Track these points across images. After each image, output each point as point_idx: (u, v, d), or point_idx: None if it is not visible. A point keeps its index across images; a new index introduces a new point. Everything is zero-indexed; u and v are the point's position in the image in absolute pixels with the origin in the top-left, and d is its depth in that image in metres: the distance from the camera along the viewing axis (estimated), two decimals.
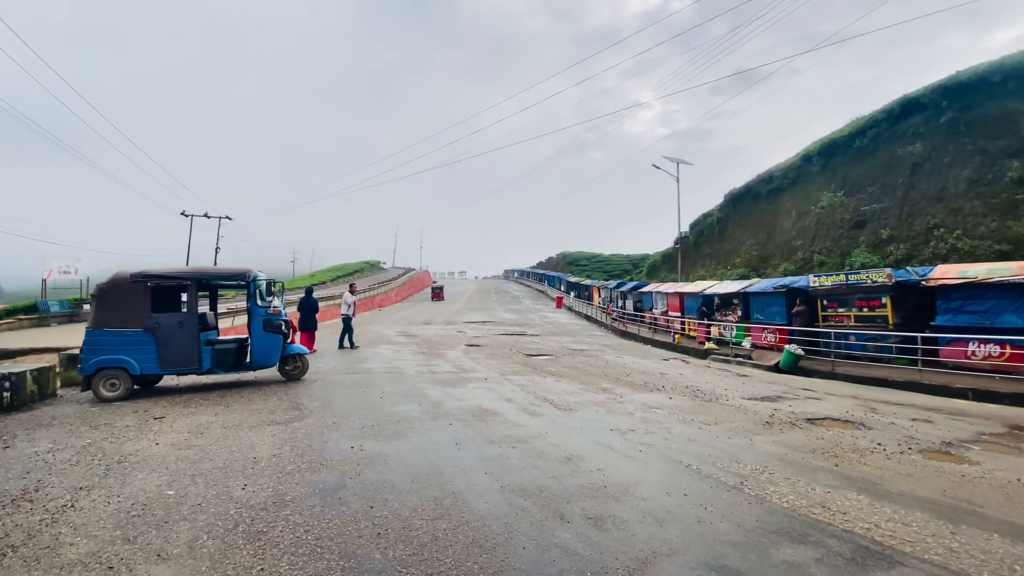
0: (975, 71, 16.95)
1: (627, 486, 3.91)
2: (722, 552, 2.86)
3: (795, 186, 24.30)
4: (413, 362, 11.31)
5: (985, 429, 6.10)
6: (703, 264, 30.91)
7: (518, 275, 78.35)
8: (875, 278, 11.70)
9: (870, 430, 5.97)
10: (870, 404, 7.65)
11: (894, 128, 19.26)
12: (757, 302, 15.61)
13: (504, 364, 11.41)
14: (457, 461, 4.44)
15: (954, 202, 15.90)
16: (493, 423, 5.89)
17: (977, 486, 4.03)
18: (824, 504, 3.60)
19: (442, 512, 3.34)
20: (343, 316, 13.89)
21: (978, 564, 2.74)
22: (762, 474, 4.27)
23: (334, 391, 7.74)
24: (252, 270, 8.35)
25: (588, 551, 2.84)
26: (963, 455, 4.97)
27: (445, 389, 8.07)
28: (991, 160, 15.31)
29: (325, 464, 4.31)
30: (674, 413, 6.74)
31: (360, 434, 5.28)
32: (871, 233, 18.45)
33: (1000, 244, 13.89)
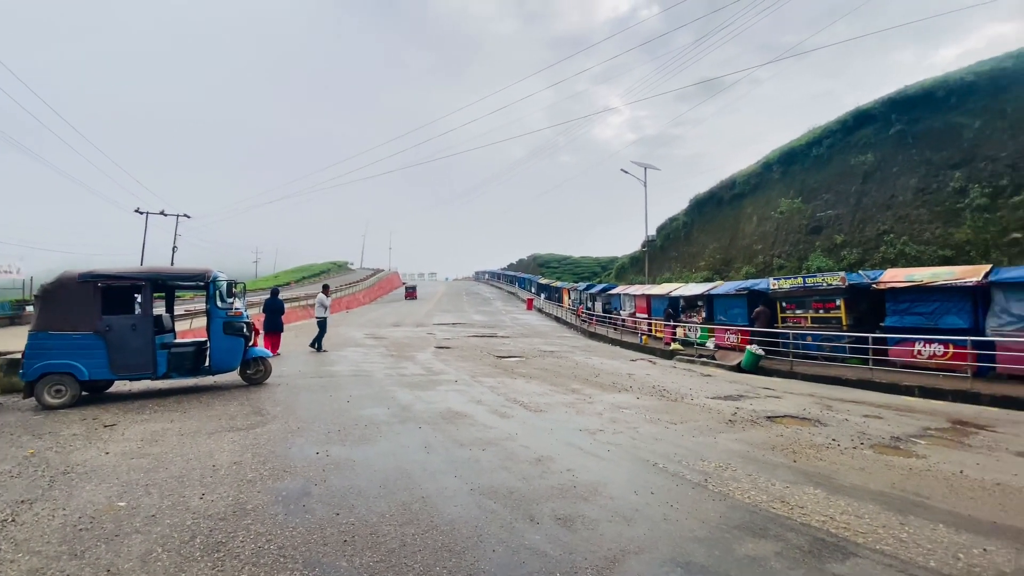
0: (921, 86, 17.96)
1: (596, 486, 3.95)
2: (688, 548, 2.92)
3: (756, 192, 25.17)
4: (381, 365, 11.13)
5: (930, 424, 6.46)
6: (669, 267, 31.64)
7: (489, 277, 78.30)
8: (830, 281, 12.23)
9: (826, 427, 6.23)
10: (826, 402, 7.99)
11: (848, 138, 20.19)
12: (720, 304, 16.08)
13: (474, 366, 11.37)
14: (426, 465, 4.39)
15: (902, 209, 16.80)
16: (463, 426, 5.86)
17: (923, 479, 4.27)
18: (783, 499, 3.73)
19: (411, 517, 3.29)
20: (318, 318, 13.52)
21: (925, 553, 2.89)
22: (725, 471, 4.40)
23: (298, 395, 7.54)
24: (212, 270, 8.05)
25: (558, 552, 2.85)
26: (911, 449, 5.25)
27: (414, 392, 7.98)
28: (935, 170, 16.25)
29: (289, 471, 4.18)
30: (641, 413, 6.86)
31: (326, 439, 5.15)
32: (826, 238, 19.29)
33: (943, 250, 14.76)
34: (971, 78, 16.15)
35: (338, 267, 65.42)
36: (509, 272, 70.06)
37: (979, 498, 3.80)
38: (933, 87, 17.34)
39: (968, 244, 14.24)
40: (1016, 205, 13.58)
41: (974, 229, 14.29)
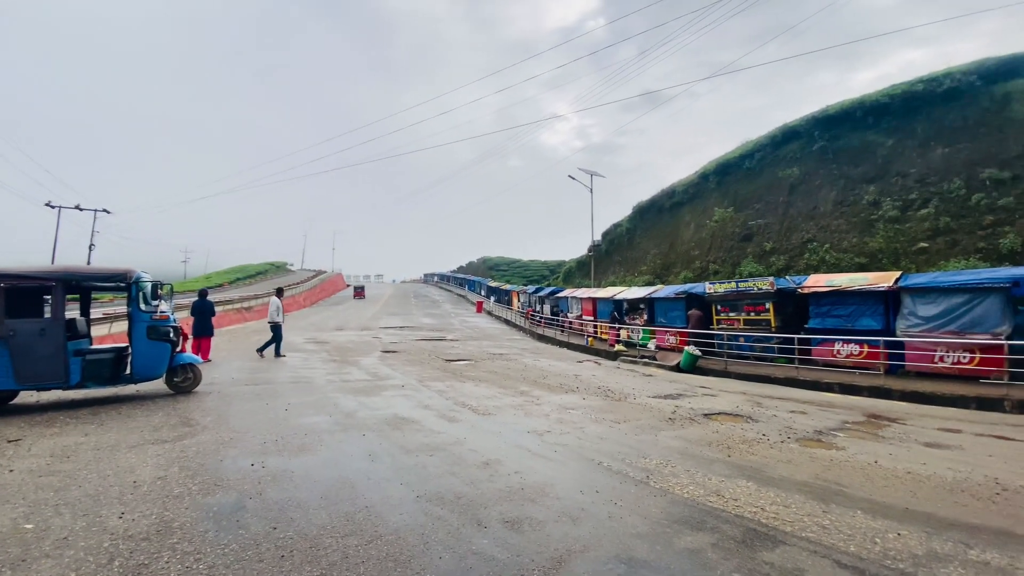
0: (841, 106, 19.57)
1: (543, 487, 3.99)
2: (631, 545, 3.01)
3: (694, 201, 26.45)
4: (323, 370, 10.72)
5: (849, 418, 7.02)
6: (614, 271, 32.61)
7: (438, 279, 77.44)
8: (760, 286, 13.04)
9: (757, 423, 6.62)
10: (757, 399, 8.49)
11: (776, 153, 21.66)
12: (661, 307, 16.74)
13: (422, 370, 11.19)
14: (371, 473, 4.26)
15: (823, 220, 18.20)
16: (410, 431, 5.74)
17: (843, 469, 4.62)
18: (719, 492, 3.93)
19: (354, 528, 3.19)
20: (271, 323, 12.74)
21: (846, 539, 3.13)
22: (666, 467, 4.57)
23: (231, 404, 7.11)
24: (134, 270, 7.45)
25: (505, 555, 2.85)
26: (831, 442, 5.67)
27: (358, 398, 7.74)
28: (853, 184, 17.74)
29: (220, 484, 3.93)
30: (587, 413, 7.01)
31: (262, 450, 4.89)
32: (757, 245, 20.56)
33: (859, 257, 16.12)
34: (885, 100, 17.79)
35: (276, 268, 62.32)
36: (459, 275, 69.65)
37: (892, 486, 4.16)
38: (852, 107, 18.95)
39: (881, 252, 15.63)
40: (923, 217, 15.06)
41: (886, 239, 15.71)
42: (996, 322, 8.99)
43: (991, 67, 15.44)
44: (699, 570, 2.71)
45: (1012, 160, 13.78)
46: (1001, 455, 5.11)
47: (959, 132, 15.38)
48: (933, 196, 15.10)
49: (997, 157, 14.12)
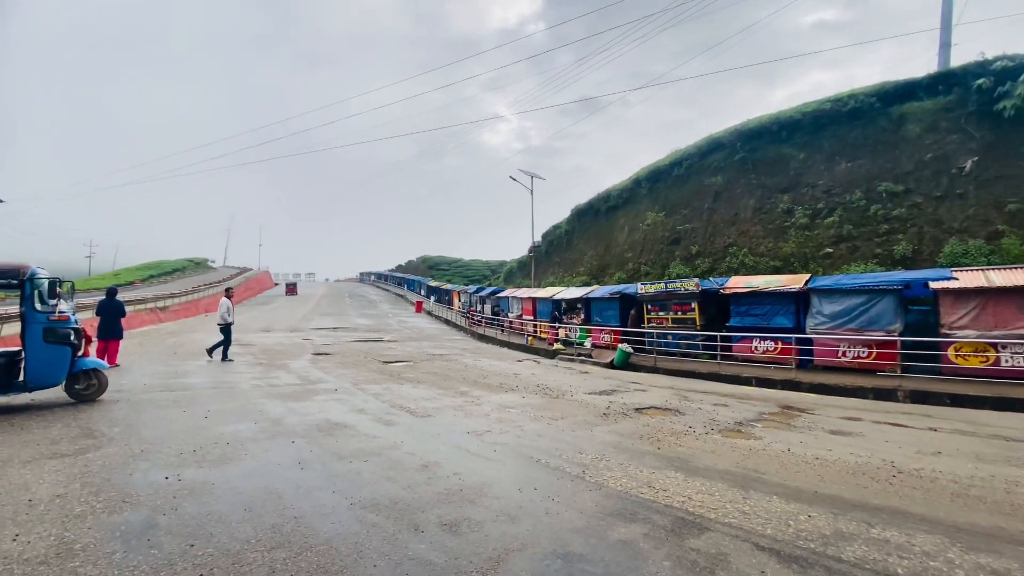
0: (760, 120, 21.09)
1: (482, 487, 3.98)
2: (567, 540, 3.07)
3: (628, 205, 27.50)
4: (248, 375, 10.08)
5: (765, 409, 7.57)
6: (553, 271, 33.22)
7: (375, 278, 75.22)
8: (686, 287, 13.78)
9: (684, 415, 6.98)
10: (683, 393, 8.95)
11: (703, 161, 22.98)
12: (597, 306, 17.26)
13: (357, 373, 10.82)
14: (300, 482, 4.05)
15: (743, 225, 19.53)
16: (343, 437, 5.53)
17: (760, 457, 4.97)
18: (650, 484, 4.10)
19: (281, 540, 3.01)
20: (220, 324, 12.07)
21: (763, 522, 3.37)
22: (600, 461, 4.71)
23: (143, 413, 6.51)
24: (29, 266, 6.64)
25: (443, 558, 2.81)
26: (750, 432, 6.09)
27: (287, 403, 7.35)
28: (769, 193, 19.17)
29: (130, 501, 3.58)
30: (527, 411, 7.08)
31: (178, 462, 4.51)
32: (684, 248, 21.72)
33: (774, 261, 17.45)
34: (798, 116, 19.36)
35: (196, 265, 57.76)
36: (397, 274, 68.03)
37: (803, 471, 4.53)
38: (769, 122, 20.47)
39: (793, 256, 17.01)
40: (829, 225, 16.53)
41: (797, 244, 17.11)
42: (890, 320, 10.06)
43: (889, 90, 17.26)
44: (632, 560, 2.81)
45: (905, 175, 15.48)
46: (896, 441, 5.71)
47: (860, 148, 17.06)
48: (838, 206, 16.65)
49: (892, 172, 15.80)
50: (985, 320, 9.05)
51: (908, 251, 14.23)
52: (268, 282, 62.33)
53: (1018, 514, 3.54)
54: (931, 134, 15.42)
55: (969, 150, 14.36)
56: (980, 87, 14.32)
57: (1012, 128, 13.67)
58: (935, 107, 15.71)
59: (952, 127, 15.01)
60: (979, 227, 13.33)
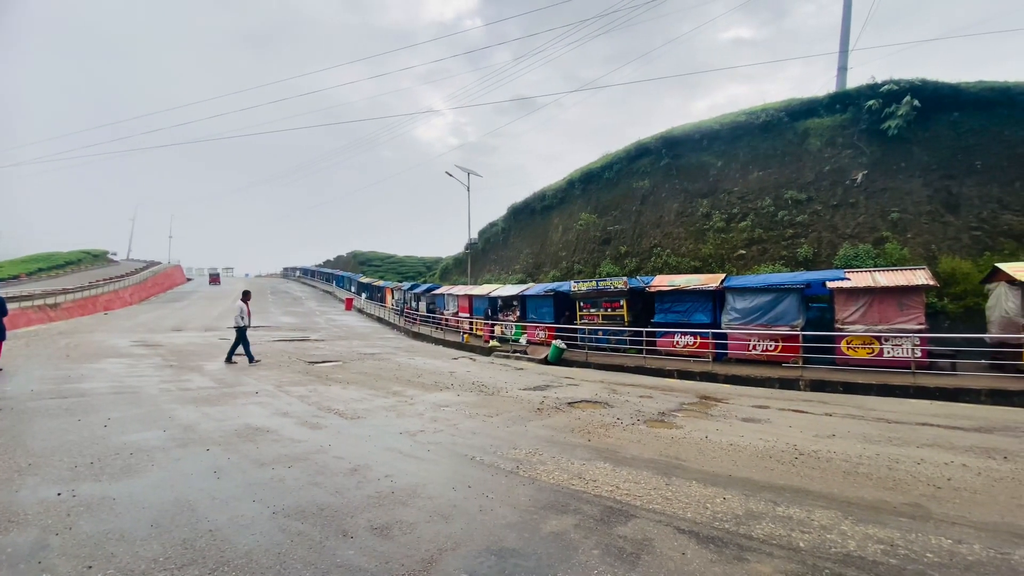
0: (683, 129, 22.34)
1: (415, 488, 3.91)
2: (501, 535, 3.09)
3: (562, 205, 28.15)
4: (155, 378, 9.23)
5: (685, 400, 8.04)
6: (489, 269, 33.30)
7: (301, 274, 71.51)
8: (616, 285, 14.36)
9: (612, 408, 7.27)
10: (613, 387, 9.32)
11: (631, 166, 23.99)
12: (532, 304, 17.53)
13: (280, 374, 10.25)
14: (216, 492, 3.77)
15: (667, 228, 20.63)
16: (264, 443, 5.21)
17: (681, 445, 5.28)
18: (581, 475, 4.23)
19: (194, 556, 2.79)
20: (236, 327, 11.72)
21: (683, 506, 3.58)
22: (534, 456, 4.79)
23: (30, 422, 5.77)
24: None
25: (373, 564, 2.73)
26: (672, 422, 6.45)
27: (201, 409, 6.81)
28: (690, 198, 20.38)
29: (16, 520, 3.16)
30: (462, 409, 7.05)
31: (72, 475, 4.04)
32: (614, 248, 22.59)
33: (694, 261, 18.59)
34: (717, 127, 20.71)
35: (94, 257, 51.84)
36: (325, 269, 65.05)
37: (719, 457, 4.86)
38: (691, 131, 21.73)
39: (711, 257, 18.20)
40: (743, 228, 17.84)
41: (715, 245, 18.33)
42: (793, 316, 11.05)
43: (795, 107, 18.92)
44: (563, 552, 2.89)
45: (807, 184, 17.05)
46: (798, 426, 6.28)
47: (771, 159, 18.58)
48: (750, 211, 18.03)
49: (797, 181, 17.35)
50: (871, 316, 10.19)
51: (809, 254, 15.72)
52: (180, 277, 57.44)
53: (899, 488, 4.02)
54: (829, 148, 17.11)
55: (860, 164, 16.09)
56: (870, 108, 16.08)
57: (896, 145, 15.49)
58: (833, 124, 17.44)
59: (847, 143, 16.74)
60: (867, 233, 14.98)
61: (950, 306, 12.42)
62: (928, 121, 15.22)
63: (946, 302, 12.48)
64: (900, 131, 15.28)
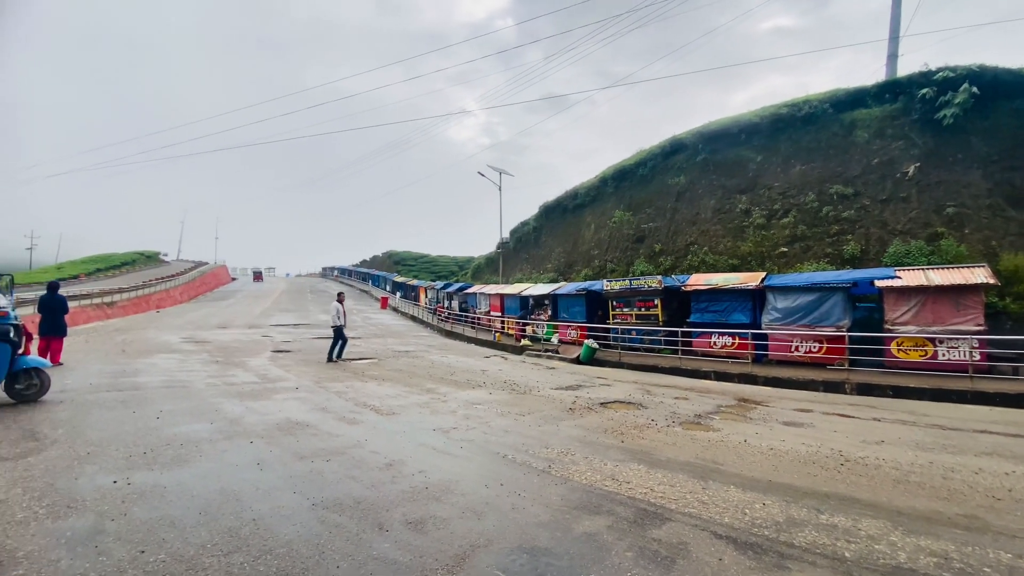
0: (720, 123, 21.71)
1: (448, 484, 3.96)
2: (533, 534, 3.09)
3: (595, 203, 27.86)
4: (203, 373, 9.68)
5: (723, 402, 7.83)
6: (521, 268, 33.32)
7: (339, 273, 73.51)
8: (650, 284, 14.10)
9: (647, 409, 7.15)
10: (647, 387, 9.17)
11: (666, 162, 23.50)
12: (563, 303, 17.44)
13: (320, 371, 10.57)
14: (259, 483, 3.93)
15: (704, 225, 20.10)
16: (304, 436, 5.39)
17: (718, 448, 5.15)
18: (614, 476, 4.18)
19: (239, 543, 2.91)
20: (333, 327, 12.29)
21: (721, 511, 3.49)
22: (566, 456, 4.77)
23: (88, 414, 6.16)
24: None
25: (407, 557, 2.79)
26: (709, 424, 6.29)
27: (245, 403, 7.10)
28: (728, 194, 19.79)
29: (75, 506, 3.39)
30: (493, 407, 7.09)
31: (127, 464, 4.29)
32: (648, 246, 22.19)
33: (733, 259, 18.05)
34: (756, 120, 20.03)
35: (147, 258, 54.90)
36: (362, 269, 66.64)
37: (758, 462, 4.71)
38: (729, 125, 21.10)
39: (750, 255, 17.63)
40: (784, 225, 17.21)
41: (754, 243, 17.75)
42: (839, 317, 10.59)
43: (840, 97, 18.08)
44: (596, 553, 2.86)
45: (854, 178, 16.28)
46: (844, 431, 6.01)
47: (814, 152, 17.84)
48: (792, 207, 17.36)
49: (843, 175, 16.59)
50: (924, 316, 9.65)
51: (856, 251, 15.00)
52: (225, 276, 60.02)
53: (954, 498, 3.80)
54: (878, 140, 16.27)
55: (912, 156, 15.24)
56: (923, 96, 15.20)
57: (951, 136, 14.58)
58: (882, 114, 16.58)
59: (897, 134, 15.88)
60: (920, 229, 14.18)
61: (1012, 306, 11.60)
62: (987, 109, 14.26)
63: (1008, 302, 11.66)
64: (956, 120, 14.37)
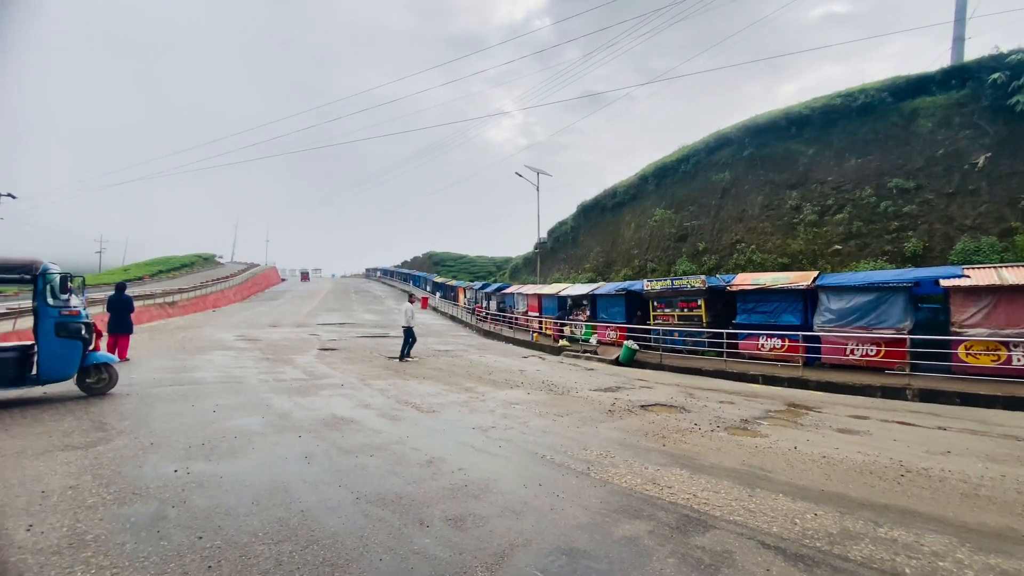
0: (768, 116, 20.86)
1: (487, 483, 3.99)
2: (572, 536, 3.07)
3: (634, 202, 27.37)
4: (255, 370, 10.16)
5: (771, 407, 7.53)
6: (559, 268, 33.16)
7: (381, 274, 75.44)
8: (693, 283, 13.71)
9: (689, 413, 6.96)
10: (689, 390, 8.92)
11: (710, 158, 22.79)
12: (602, 303, 17.23)
13: (363, 368, 10.88)
14: (306, 476, 4.08)
15: (750, 222, 19.38)
16: (349, 432, 5.56)
17: (766, 455, 4.95)
18: (655, 481, 4.09)
19: (288, 533, 3.04)
20: (404, 327, 12.98)
21: (769, 520, 3.35)
22: (605, 458, 4.71)
23: (152, 406, 6.59)
24: (41, 261, 6.73)
25: (447, 553, 2.83)
26: (756, 430, 6.06)
27: (294, 398, 7.40)
28: (777, 190, 19.00)
29: (139, 493, 3.63)
30: (531, 407, 7.08)
31: (186, 455, 4.56)
32: (691, 245, 21.59)
33: (782, 258, 17.30)
34: (807, 112, 19.14)
35: (204, 260, 58.22)
36: (403, 270, 68.16)
37: (810, 470, 4.50)
38: (777, 117, 20.25)
39: (801, 253, 16.86)
40: (838, 222, 16.37)
41: (805, 241, 16.96)
42: (900, 318, 9.96)
43: (900, 85, 17.01)
44: (636, 557, 2.81)
45: (916, 171, 15.28)
46: (904, 440, 5.66)
47: (871, 144, 16.86)
48: (847, 202, 16.47)
49: (903, 168, 15.60)
50: (997, 318, 8.94)
51: (919, 248, 14.07)
52: (275, 277, 62.71)
53: None
54: (943, 129, 15.20)
55: (982, 146, 14.15)
56: (994, 81, 14.08)
57: None
58: (948, 102, 15.47)
59: (965, 122, 14.77)
60: (992, 224, 13.14)
61: None
62: None
63: None
64: None
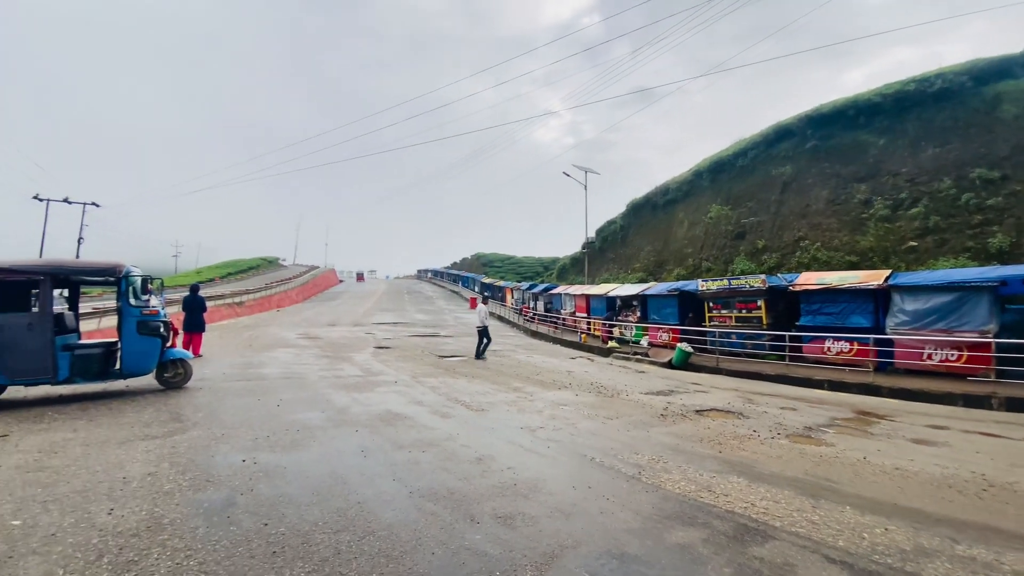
0: (833, 105, 19.66)
1: (536, 483, 4.00)
2: (622, 540, 3.03)
3: (687, 198, 26.53)
4: (315, 366, 10.68)
5: (838, 415, 7.09)
6: (607, 268, 32.67)
7: (431, 275, 77.14)
8: (752, 283, 13.11)
9: (748, 419, 6.67)
10: (748, 395, 8.55)
11: (769, 151, 21.75)
12: (654, 304, 16.80)
13: (415, 366, 11.18)
14: (363, 469, 4.26)
15: (815, 218, 18.32)
16: (403, 427, 5.74)
17: (832, 465, 4.67)
18: (710, 488, 3.96)
19: (346, 523, 3.18)
20: (479, 327, 13.46)
21: (834, 533, 3.17)
22: (657, 463, 4.60)
23: (223, 400, 7.08)
24: (124, 264, 7.38)
25: (498, 550, 2.86)
26: (821, 438, 5.73)
27: (351, 394, 7.72)
28: (844, 183, 17.86)
29: (212, 480, 3.91)
30: (580, 409, 7.03)
31: (253, 446, 4.87)
32: (749, 243, 20.67)
33: (850, 256, 16.25)
34: (877, 99, 17.89)
35: (268, 263, 61.84)
36: (452, 271, 69.37)
37: (881, 482, 4.21)
38: (844, 106, 19.04)
39: (871, 251, 15.76)
40: (913, 216, 15.19)
41: (876, 237, 15.84)
42: (983, 320, 9.09)
43: (982, 68, 15.58)
44: (690, 565, 2.74)
45: (1001, 160, 13.92)
46: (988, 452, 5.18)
47: (949, 132, 15.52)
48: (923, 195, 15.24)
49: (987, 157, 14.26)
50: None
51: (1005, 244, 12.80)
52: (334, 279, 65.47)
53: None
54: None
55: None
56: None
57: None
58: None
59: None
60: None
61: None
62: None
63: None
64: None
